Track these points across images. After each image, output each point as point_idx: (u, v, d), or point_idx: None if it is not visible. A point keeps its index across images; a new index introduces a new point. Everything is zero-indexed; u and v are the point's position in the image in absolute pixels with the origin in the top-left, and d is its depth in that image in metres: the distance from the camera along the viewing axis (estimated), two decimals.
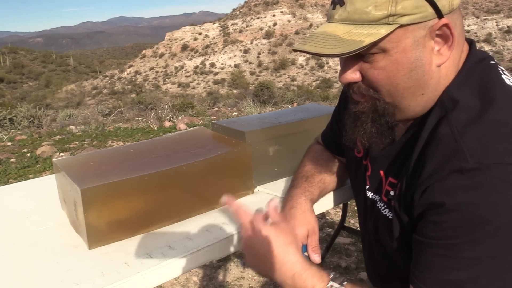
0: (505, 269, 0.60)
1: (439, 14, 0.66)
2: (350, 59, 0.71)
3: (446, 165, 0.63)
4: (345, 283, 0.72)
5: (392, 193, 0.78)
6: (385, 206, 0.80)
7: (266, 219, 0.78)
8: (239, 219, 0.78)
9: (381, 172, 0.83)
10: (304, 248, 0.87)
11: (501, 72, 0.73)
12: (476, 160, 0.61)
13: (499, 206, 0.59)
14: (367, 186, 0.88)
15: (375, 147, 0.78)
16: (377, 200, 0.84)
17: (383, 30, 0.65)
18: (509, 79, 0.72)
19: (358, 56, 0.69)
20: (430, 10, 0.65)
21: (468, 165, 0.61)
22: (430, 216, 0.65)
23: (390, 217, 0.77)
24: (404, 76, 0.68)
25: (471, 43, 0.77)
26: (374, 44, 0.66)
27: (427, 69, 0.69)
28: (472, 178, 0.60)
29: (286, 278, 0.73)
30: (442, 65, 0.70)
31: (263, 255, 0.74)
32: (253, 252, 0.76)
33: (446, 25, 0.66)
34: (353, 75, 0.72)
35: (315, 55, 0.69)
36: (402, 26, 0.65)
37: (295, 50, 0.74)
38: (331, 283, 0.71)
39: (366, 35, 0.65)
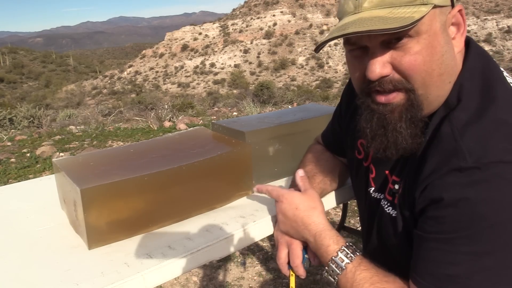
0: (501, 265, 0.61)
1: (452, 2, 0.68)
2: (378, 52, 0.67)
3: (446, 164, 0.64)
4: (357, 253, 0.77)
5: (395, 191, 0.79)
6: (389, 204, 0.81)
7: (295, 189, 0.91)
8: (270, 195, 0.92)
9: (386, 172, 0.84)
10: (305, 250, 0.88)
11: (502, 70, 0.73)
12: (475, 159, 0.61)
13: (496, 203, 0.60)
14: (372, 188, 0.88)
15: (412, 149, 0.72)
16: (381, 199, 0.84)
17: (424, 8, 0.63)
18: (509, 78, 0.72)
19: (387, 47, 0.67)
20: None
21: (467, 164, 0.62)
22: (430, 211, 0.66)
23: (394, 215, 0.78)
24: (438, 61, 0.67)
25: (469, 40, 0.77)
26: (414, 24, 0.62)
27: (453, 55, 0.70)
28: (471, 176, 0.61)
29: (310, 236, 0.83)
30: (457, 55, 0.71)
31: (292, 218, 0.85)
32: (283, 218, 0.87)
33: (460, 11, 0.69)
34: (384, 68, 0.68)
35: (367, 33, 0.63)
36: (434, 7, 0.65)
37: (328, 41, 0.68)
38: (344, 247, 0.77)
39: (411, 13, 0.62)
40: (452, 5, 0.68)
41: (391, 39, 0.65)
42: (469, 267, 0.62)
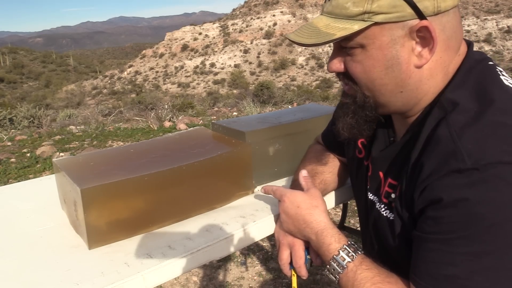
0: (500, 266, 0.61)
1: (420, 15, 0.65)
2: (337, 50, 0.75)
3: (445, 165, 0.64)
4: (359, 252, 0.77)
5: (393, 195, 0.78)
6: (386, 207, 0.81)
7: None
8: (274, 195, 0.93)
9: (381, 173, 0.84)
10: (307, 251, 0.88)
11: (499, 72, 0.73)
12: (473, 161, 0.61)
13: (495, 203, 0.60)
14: (368, 187, 0.89)
15: (355, 137, 0.83)
16: (376, 202, 0.85)
17: (356, 26, 0.67)
18: (507, 80, 0.72)
19: (343, 48, 0.73)
20: (409, 10, 0.65)
21: (465, 165, 0.61)
22: (429, 211, 0.66)
23: (391, 218, 0.78)
24: (380, 73, 0.71)
25: (469, 44, 0.76)
26: (348, 38, 0.69)
27: (404, 68, 0.70)
28: (470, 177, 0.61)
29: (311, 235, 0.83)
30: (424, 67, 0.70)
31: (294, 217, 0.86)
32: (286, 217, 0.88)
33: (425, 27, 0.66)
34: (338, 65, 0.76)
35: (293, 43, 0.74)
36: (377, 23, 0.66)
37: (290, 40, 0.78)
38: (345, 246, 0.77)
39: (339, 29, 0.68)
40: (421, 17, 0.65)
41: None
42: (468, 268, 0.62)
